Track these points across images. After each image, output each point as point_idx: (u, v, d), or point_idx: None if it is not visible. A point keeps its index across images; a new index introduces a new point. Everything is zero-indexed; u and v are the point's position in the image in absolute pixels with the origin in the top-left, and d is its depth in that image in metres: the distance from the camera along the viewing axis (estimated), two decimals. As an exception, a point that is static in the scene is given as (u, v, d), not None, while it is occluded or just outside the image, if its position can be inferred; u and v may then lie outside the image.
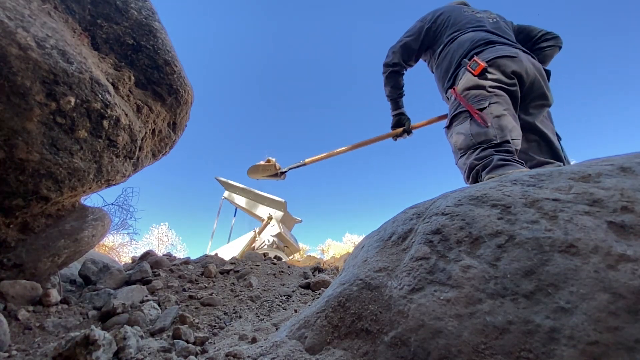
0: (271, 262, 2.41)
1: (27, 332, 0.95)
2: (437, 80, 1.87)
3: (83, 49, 1.11)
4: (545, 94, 1.54)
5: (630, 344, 0.39)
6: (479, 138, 1.37)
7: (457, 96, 1.53)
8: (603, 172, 0.62)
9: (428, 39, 1.88)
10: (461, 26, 1.73)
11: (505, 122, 1.35)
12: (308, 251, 12.99)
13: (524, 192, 0.64)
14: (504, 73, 1.44)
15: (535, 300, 0.47)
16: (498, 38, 1.61)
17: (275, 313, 1.42)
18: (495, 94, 1.42)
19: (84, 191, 1.19)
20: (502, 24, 1.78)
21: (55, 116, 0.98)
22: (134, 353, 0.81)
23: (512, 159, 1.24)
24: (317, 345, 0.66)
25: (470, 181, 1.37)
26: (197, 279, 1.81)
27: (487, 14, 1.84)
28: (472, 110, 1.43)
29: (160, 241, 12.66)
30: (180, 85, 1.46)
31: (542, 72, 1.54)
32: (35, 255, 1.11)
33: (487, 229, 0.59)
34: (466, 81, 1.52)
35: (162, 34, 1.40)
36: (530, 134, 1.56)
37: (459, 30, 1.71)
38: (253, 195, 5.37)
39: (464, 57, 1.59)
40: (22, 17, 0.90)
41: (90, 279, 1.50)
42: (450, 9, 1.86)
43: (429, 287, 0.58)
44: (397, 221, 0.81)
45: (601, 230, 0.50)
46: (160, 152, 1.57)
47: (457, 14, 1.81)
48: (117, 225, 5.04)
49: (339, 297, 0.70)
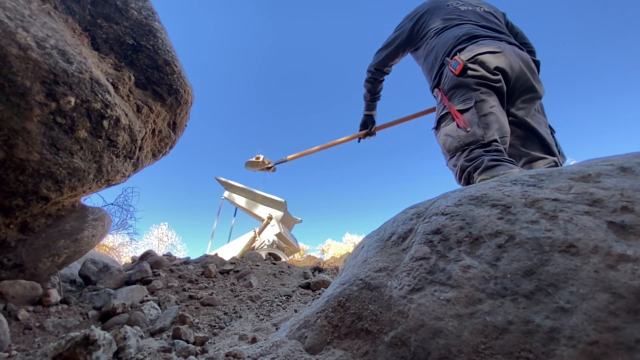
0: (271, 262, 2.41)
1: (27, 332, 0.95)
2: (425, 75, 1.86)
3: (83, 49, 1.11)
4: (534, 87, 1.48)
5: (630, 344, 0.39)
6: (467, 139, 1.35)
7: (442, 97, 1.52)
8: (603, 172, 0.62)
9: (412, 39, 1.86)
10: (445, 21, 1.69)
11: (492, 121, 1.33)
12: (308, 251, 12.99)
13: (524, 192, 0.64)
14: (487, 70, 1.41)
15: (535, 300, 0.47)
16: (484, 31, 1.57)
17: (275, 313, 1.42)
18: (480, 92, 1.39)
19: (84, 191, 1.19)
20: (490, 14, 1.73)
21: (55, 116, 0.98)
22: (134, 353, 0.81)
23: (502, 158, 1.22)
24: (317, 345, 0.66)
25: (463, 183, 1.36)
26: (197, 279, 1.81)
27: (475, 2, 1.79)
28: (454, 113, 1.42)
29: (160, 241, 12.66)
30: (180, 85, 1.46)
31: (530, 64, 1.49)
32: (35, 255, 1.11)
33: (487, 229, 0.59)
34: (449, 81, 1.49)
35: (162, 34, 1.40)
36: (521, 130, 1.51)
37: (443, 26, 1.68)
38: (253, 195, 5.36)
39: (446, 55, 1.56)
40: (22, 17, 0.90)
41: (90, 279, 1.50)
42: (434, 5, 1.82)
43: (429, 287, 0.58)
44: (397, 221, 0.81)
45: (601, 230, 0.50)
46: (160, 152, 1.57)
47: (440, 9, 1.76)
48: (117, 225, 5.04)
49: (339, 297, 0.70)
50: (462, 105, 1.42)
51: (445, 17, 1.71)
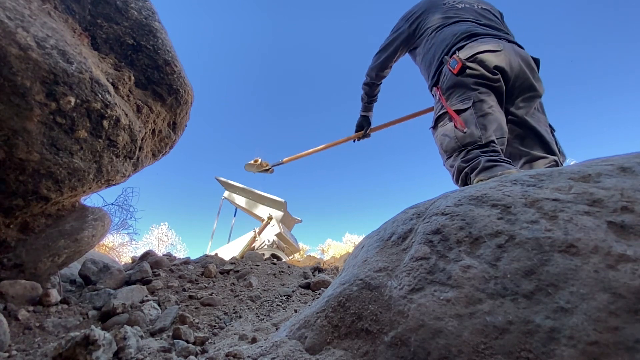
0: (271, 262, 2.41)
1: (27, 332, 0.95)
2: (423, 74, 1.85)
3: (83, 49, 1.11)
4: (533, 85, 1.46)
5: (630, 344, 0.39)
6: (464, 140, 1.34)
7: (440, 97, 1.51)
8: (603, 172, 0.62)
9: (410, 39, 1.85)
10: (443, 20, 1.67)
11: (490, 121, 1.32)
12: (308, 251, 12.99)
13: (524, 192, 0.64)
14: (486, 69, 1.39)
15: (535, 300, 0.47)
16: (483, 29, 1.55)
17: (275, 313, 1.42)
18: (479, 92, 1.38)
19: (84, 191, 1.19)
20: (488, 12, 1.72)
21: (55, 116, 0.98)
22: (134, 353, 0.81)
23: (499, 158, 1.21)
24: (317, 345, 0.66)
25: (460, 184, 1.35)
26: (197, 279, 1.81)
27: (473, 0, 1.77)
28: (451, 114, 1.41)
29: (160, 241, 12.66)
30: (180, 85, 1.46)
31: (530, 62, 1.48)
32: (35, 255, 1.11)
33: (487, 229, 0.59)
34: (448, 80, 1.48)
35: (162, 34, 1.40)
36: (521, 129, 1.49)
37: (441, 24, 1.66)
38: (253, 195, 5.36)
39: (445, 53, 1.54)
40: (22, 17, 0.90)
41: (90, 279, 1.50)
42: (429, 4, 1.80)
43: (429, 287, 0.58)
44: (397, 221, 0.81)
45: (601, 230, 0.50)
46: (160, 152, 1.57)
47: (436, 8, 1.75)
48: (117, 225, 5.05)
49: (339, 297, 0.70)
50: (460, 105, 1.40)
51: (443, 15, 1.69)
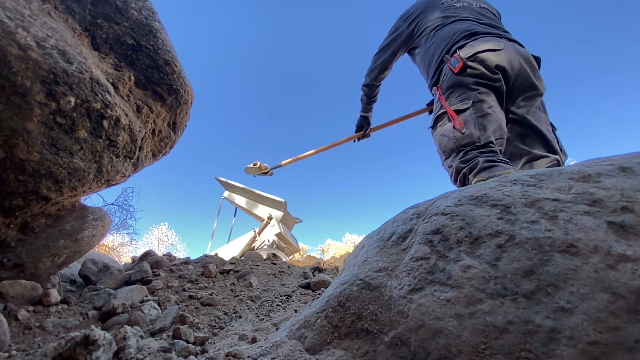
0: (271, 262, 2.41)
1: (27, 332, 0.95)
2: (422, 73, 1.84)
3: (83, 49, 1.11)
4: (534, 84, 1.45)
5: (630, 344, 0.39)
6: (463, 141, 1.33)
7: (440, 96, 1.50)
8: (603, 172, 0.62)
9: (409, 39, 1.84)
10: (442, 19, 1.66)
11: (490, 122, 1.32)
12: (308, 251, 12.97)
13: (524, 192, 0.64)
14: (487, 68, 1.38)
15: (535, 300, 0.47)
16: (483, 28, 1.54)
17: (275, 313, 1.42)
18: (478, 92, 1.37)
19: (84, 191, 1.19)
20: (487, 11, 1.71)
21: (55, 116, 0.98)
22: (134, 353, 0.81)
23: (497, 159, 1.21)
24: (317, 345, 0.66)
25: (458, 184, 1.35)
26: (197, 279, 1.81)
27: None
28: (450, 114, 1.40)
29: (160, 241, 12.65)
30: (180, 85, 1.46)
31: (531, 61, 1.47)
32: (35, 255, 1.11)
33: (487, 229, 0.59)
34: (448, 79, 1.47)
35: (162, 34, 1.40)
36: (522, 128, 1.48)
37: (441, 24, 1.65)
38: (253, 195, 5.35)
39: (446, 52, 1.53)
40: (22, 17, 0.90)
41: (90, 279, 1.50)
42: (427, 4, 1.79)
43: (429, 287, 0.58)
44: (397, 221, 0.81)
45: (601, 230, 0.50)
46: (160, 152, 1.57)
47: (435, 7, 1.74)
48: (117, 225, 5.05)
49: (339, 297, 0.70)
50: (460, 104, 1.40)
51: (442, 14, 1.68)
